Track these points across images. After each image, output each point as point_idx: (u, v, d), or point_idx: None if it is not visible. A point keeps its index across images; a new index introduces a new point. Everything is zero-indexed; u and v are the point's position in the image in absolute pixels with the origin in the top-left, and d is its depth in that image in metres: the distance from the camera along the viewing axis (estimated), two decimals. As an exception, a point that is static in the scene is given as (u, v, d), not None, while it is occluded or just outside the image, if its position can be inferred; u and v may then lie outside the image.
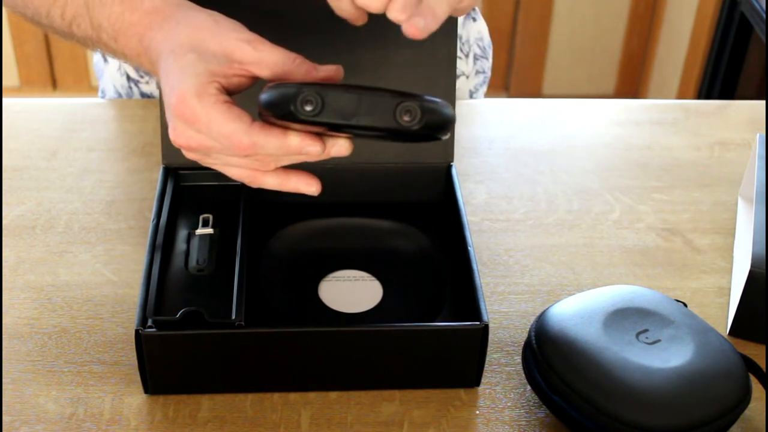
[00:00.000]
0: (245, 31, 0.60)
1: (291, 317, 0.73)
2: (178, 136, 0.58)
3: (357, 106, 0.54)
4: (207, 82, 0.57)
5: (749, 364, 0.67)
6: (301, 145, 0.57)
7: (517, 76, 2.71)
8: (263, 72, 0.59)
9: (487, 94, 1.20)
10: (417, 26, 0.57)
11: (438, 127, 0.56)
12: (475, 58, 1.10)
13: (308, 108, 0.54)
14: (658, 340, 0.66)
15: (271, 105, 0.55)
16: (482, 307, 0.68)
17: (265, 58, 0.59)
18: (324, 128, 0.55)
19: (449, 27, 0.79)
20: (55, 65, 2.65)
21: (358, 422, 0.68)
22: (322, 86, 0.55)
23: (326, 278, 0.77)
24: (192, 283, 0.71)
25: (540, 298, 0.79)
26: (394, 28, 0.79)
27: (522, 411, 0.69)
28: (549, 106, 1.07)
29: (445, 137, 0.58)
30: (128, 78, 1.06)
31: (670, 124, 1.05)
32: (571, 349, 0.65)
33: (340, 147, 0.58)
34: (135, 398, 0.69)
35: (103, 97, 1.11)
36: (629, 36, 2.64)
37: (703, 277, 0.83)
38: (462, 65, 1.08)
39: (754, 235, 0.76)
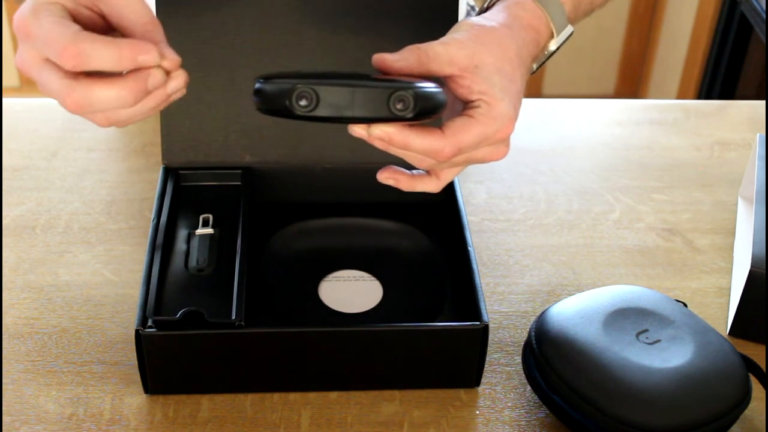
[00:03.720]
0: None
1: (291, 317, 0.73)
2: (18, 55, 0.57)
3: (351, 98, 0.55)
4: (49, 3, 0.56)
5: (749, 364, 0.67)
6: (134, 53, 0.54)
7: (517, 76, 2.70)
8: (109, 12, 0.57)
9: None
10: None
11: (430, 112, 0.56)
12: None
13: (303, 103, 0.55)
14: (658, 340, 0.66)
15: (265, 100, 0.56)
16: (482, 307, 0.68)
17: (120, 3, 0.57)
18: (318, 121, 0.56)
19: (449, 28, 0.79)
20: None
21: (358, 422, 0.68)
22: (316, 80, 0.55)
23: (326, 278, 0.77)
24: (192, 283, 0.71)
25: (540, 298, 0.79)
26: (391, 23, 0.79)
27: (522, 411, 0.69)
28: (549, 106, 1.07)
29: (438, 118, 0.59)
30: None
31: (670, 124, 1.05)
32: (571, 349, 0.65)
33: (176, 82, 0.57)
34: (135, 398, 0.69)
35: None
36: (629, 36, 2.64)
37: (703, 277, 0.83)
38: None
39: (754, 235, 0.76)
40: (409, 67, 0.59)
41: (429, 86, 0.56)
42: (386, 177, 0.62)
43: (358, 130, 0.58)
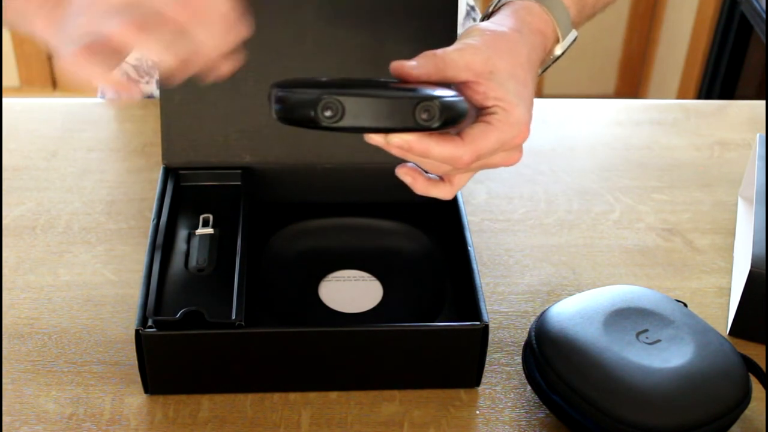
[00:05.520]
0: None
1: (291, 317, 0.73)
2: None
3: (377, 109, 0.54)
4: None
5: (749, 364, 0.67)
6: None
7: (517, 76, 2.70)
8: None
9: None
10: None
11: (454, 121, 0.57)
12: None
13: (328, 114, 0.54)
14: (658, 340, 0.66)
15: (288, 110, 0.55)
16: (482, 307, 0.68)
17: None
18: (342, 131, 0.55)
19: (449, 27, 0.79)
20: (55, 65, 2.65)
21: (358, 422, 0.68)
22: (340, 90, 0.54)
23: (326, 278, 0.77)
24: (192, 283, 0.71)
25: (540, 298, 0.79)
26: (391, 23, 0.79)
27: (522, 411, 0.69)
28: (549, 106, 1.07)
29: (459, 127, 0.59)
30: (128, 78, 1.06)
31: (670, 124, 1.05)
32: (571, 349, 0.65)
33: None
34: (135, 398, 0.69)
35: (102, 98, 1.11)
36: (629, 36, 2.63)
37: (703, 277, 0.83)
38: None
39: (754, 235, 0.76)
40: (427, 73, 0.59)
41: (452, 95, 0.56)
42: (404, 173, 0.62)
43: (376, 138, 0.58)
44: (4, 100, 1.01)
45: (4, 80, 2.65)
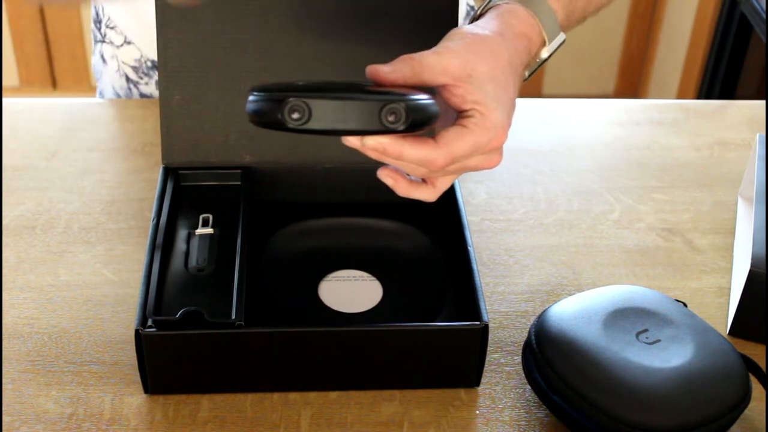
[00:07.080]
0: None
1: (291, 317, 0.73)
2: None
3: (343, 111, 0.55)
4: None
5: (749, 364, 0.67)
6: None
7: (517, 76, 2.70)
8: None
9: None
10: None
11: (422, 124, 0.57)
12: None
13: (295, 116, 0.55)
14: (658, 340, 0.66)
15: (258, 113, 0.56)
16: (482, 307, 0.68)
17: None
18: (311, 133, 0.56)
19: (448, 29, 0.79)
20: (55, 65, 2.65)
21: (358, 422, 0.68)
22: (308, 93, 0.55)
23: (326, 278, 0.77)
24: (192, 283, 0.71)
25: (540, 298, 0.79)
26: (391, 24, 0.79)
27: (522, 411, 0.69)
28: (549, 106, 1.07)
29: (429, 130, 0.59)
30: (127, 79, 1.06)
31: (670, 124, 1.05)
32: (571, 349, 0.65)
33: None
34: (135, 398, 0.69)
35: (102, 98, 1.11)
36: (629, 36, 2.64)
37: (703, 277, 0.83)
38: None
39: (754, 235, 0.76)
40: (403, 77, 0.59)
41: (421, 98, 0.57)
42: (386, 175, 0.63)
43: (352, 141, 0.58)
44: (4, 100, 1.01)
45: (4, 80, 2.65)
